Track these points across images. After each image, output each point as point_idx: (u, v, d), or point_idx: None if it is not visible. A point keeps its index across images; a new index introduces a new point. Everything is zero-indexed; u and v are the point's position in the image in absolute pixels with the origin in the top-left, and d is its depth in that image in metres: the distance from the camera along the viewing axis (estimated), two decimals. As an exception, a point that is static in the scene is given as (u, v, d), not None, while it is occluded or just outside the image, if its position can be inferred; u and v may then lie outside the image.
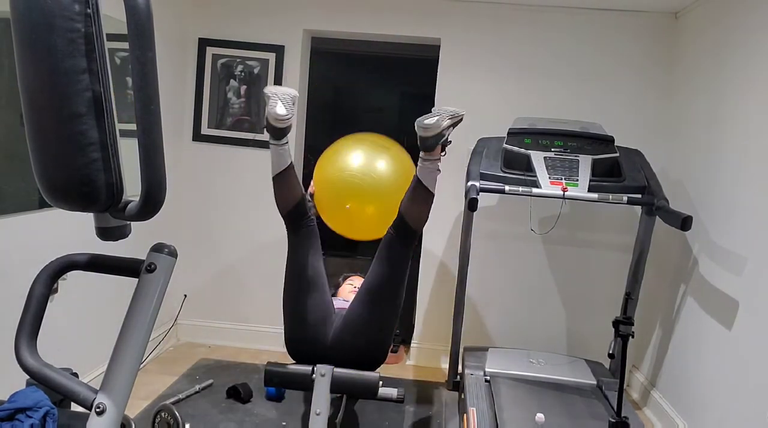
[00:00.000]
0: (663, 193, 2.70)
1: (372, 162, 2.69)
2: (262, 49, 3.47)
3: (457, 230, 3.34)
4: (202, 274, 3.66)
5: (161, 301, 1.10)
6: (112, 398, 1.04)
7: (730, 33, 2.68)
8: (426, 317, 3.62)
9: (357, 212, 2.68)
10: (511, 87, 3.42)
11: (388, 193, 2.62)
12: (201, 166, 3.58)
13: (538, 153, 2.73)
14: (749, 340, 2.28)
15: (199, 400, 2.88)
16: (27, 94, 1.00)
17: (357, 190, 2.65)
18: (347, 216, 2.70)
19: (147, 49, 0.94)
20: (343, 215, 2.73)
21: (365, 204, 2.68)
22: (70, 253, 1.17)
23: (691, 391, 2.70)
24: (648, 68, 3.34)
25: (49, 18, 0.93)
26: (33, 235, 2.30)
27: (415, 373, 3.49)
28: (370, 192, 2.65)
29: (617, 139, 2.91)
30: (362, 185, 2.64)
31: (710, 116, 2.81)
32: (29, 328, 1.10)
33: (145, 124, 0.96)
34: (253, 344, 3.64)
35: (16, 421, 1.32)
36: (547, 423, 2.30)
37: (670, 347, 3.00)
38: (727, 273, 2.49)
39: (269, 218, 3.58)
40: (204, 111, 3.54)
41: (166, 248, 1.11)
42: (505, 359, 2.96)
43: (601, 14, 3.33)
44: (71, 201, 1.02)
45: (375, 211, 2.69)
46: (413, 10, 3.42)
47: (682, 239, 2.96)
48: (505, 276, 3.52)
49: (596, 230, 3.46)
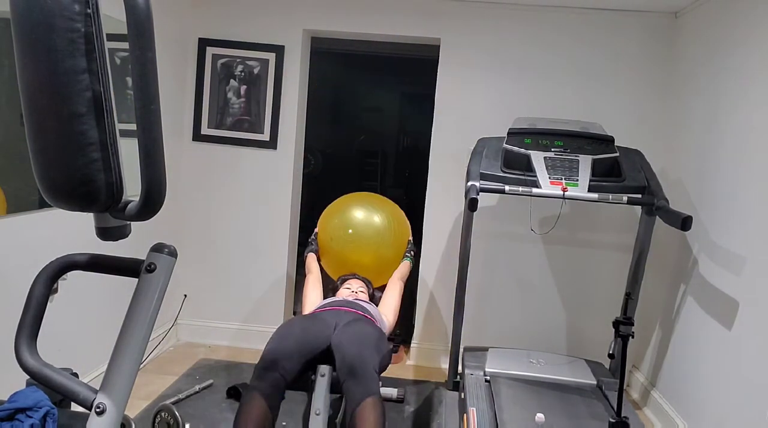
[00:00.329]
0: (663, 193, 2.70)
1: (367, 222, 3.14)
2: (262, 49, 3.47)
3: (457, 230, 3.34)
4: (202, 274, 3.66)
5: (161, 301, 1.10)
6: (112, 398, 1.04)
7: (730, 32, 2.68)
8: (426, 317, 3.62)
9: (353, 260, 3.09)
10: (511, 87, 3.42)
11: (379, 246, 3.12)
12: (201, 166, 3.58)
13: (538, 153, 2.73)
14: (749, 340, 2.28)
15: (199, 400, 2.88)
16: (27, 94, 1.00)
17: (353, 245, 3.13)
18: (342, 260, 3.12)
19: (147, 49, 0.94)
20: (338, 260, 3.16)
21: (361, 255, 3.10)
22: (70, 253, 1.17)
23: (691, 391, 2.70)
24: (648, 68, 3.34)
25: (49, 18, 0.93)
26: (33, 235, 2.30)
27: (415, 373, 3.49)
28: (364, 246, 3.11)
29: (617, 139, 2.91)
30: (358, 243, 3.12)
31: (710, 116, 2.80)
32: (29, 328, 1.10)
33: (145, 124, 0.96)
34: (253, 344, 3.64)
35: (16, 421, 1.32)
36: (547, 423, 2.29)
37: (670, 347, 3.00)
38: (727, 273, 2.49)
39: (269, 218, 3.58)
40: (204, 111, 3.54)
41: (166, 248, 1.11)
42: (505, 359, 2.96)
43: (601, 14, 3.33)
44: (71, 201, 1.02)
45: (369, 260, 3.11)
46: (413, 10, 3.42)
47: (682, 239, 2.96)
48: (505, 276, 3.52)
49: (596, 230, 3.46)
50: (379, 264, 3.10)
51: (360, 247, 3.09)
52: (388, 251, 3.11)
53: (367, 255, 3.09)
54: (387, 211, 3.19)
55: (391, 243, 3.12)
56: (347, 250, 3.09)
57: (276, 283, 3.64)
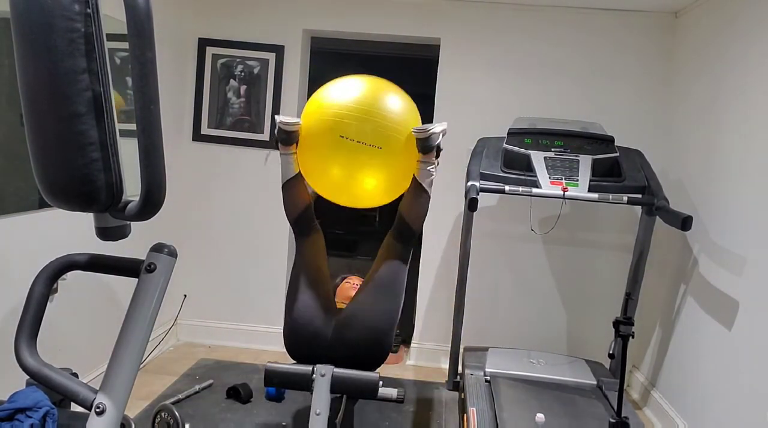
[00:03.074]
0: (663, 193, 2.70)
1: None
2: (262, 49, 3.47)
3: (457, 230, 3.34)
4: (202, 274, 3.66)
5: (161, 301, 1.10)
6: (112, 398, 1.04)
7: (730, 32, 2.68)
8: (426, 317, 3.62)
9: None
10: (511, 87, 3.42)
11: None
12: (201, 166, 3.58)
13: (539, 153, 2.74)
14: (749, 340, 2.28)
15: (199, 400, 2.88)
16: (27, 94, 1.00)
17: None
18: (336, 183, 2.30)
19: (147, 49, 0.94)
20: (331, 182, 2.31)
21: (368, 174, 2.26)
22: (70, 253, 1.17)
23: (691, 391, 2.70)
24: (648, 68, 3.34)
25: (49, 18, 0.93)
26: (33, 235, 2.30)
27: (415, 373, 3.49)
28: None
29: (617, 139, 2.91)
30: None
31: (710, 116, 2.80)
32: (29, 328, 1.10)
33: (145, 124, 0.96)
34: (253, 344, 3.64)
35: (16, 421, 1.32)
36: (547, 423, 2.30)
37: (670, 347, 2.99)
38: (727, 273, 2.49)
39: (269, 218, 3.57)
40: (204, 111, 3.54)
41: (166, 248, 1.11)
42: (505, 359, 2.96)
43: (601, 14, 3.33)
44: (71, 201, 1.02)
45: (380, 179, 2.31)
46: (413, 10, 3.42)
47: (682, 239, 2.96)
48: (505, 276, 3.52)
49: (596, 230, 3.46)
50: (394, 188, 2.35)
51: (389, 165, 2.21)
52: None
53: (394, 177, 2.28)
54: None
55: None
56: (370, 165, 2.22)
57: (276, 283, 3.64)
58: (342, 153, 2.19)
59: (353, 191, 2.33)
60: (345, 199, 2.39)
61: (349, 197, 2.37)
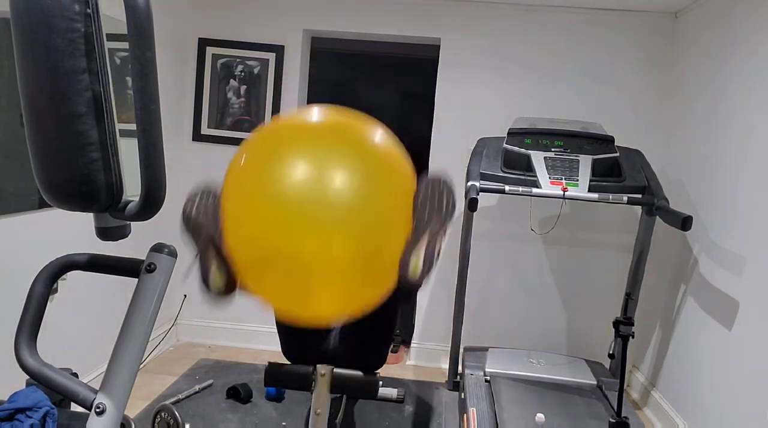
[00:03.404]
0: (663, 193, 2.70)
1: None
2: (262, 49, 3.47)
3: (457, 230, 3.34)
4: (202, 274, 3.65)
5: (161, 301, 1.10)
6: (112, 398, 1.03)
7: (730, 33, 2.68)
8: (426, 317, 3.62)
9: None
10: (511, 87, 3.41)
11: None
12: (201, 166, 3.58)
13: (539, 153, 2.74)
14: (749, 340, 2.28)
15: (199, 400, 2.88)
16: (27, 94, 0.99)
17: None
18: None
19: (147, 49, 0.93)
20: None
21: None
22: (70, 253, 1.17)
23: (691, 391, 2.70)
24: (648, 68, 3.34)
25: (49, 18, 0.92)
26: (33, 235, 2.30)
27: (415, 373, 3.49)
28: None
29: (617, 139, 2.91)
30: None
31: (710, 116, 2.80)
32: (29, 328, 1.10)
33: (145, 124, 0.96)
34: (253, 344, 3.64)
35: (16, 421, 1.32)
36: (547, 423, 2.29)
37: (670, 347, 2.99)
38: (727, 273, 2.49)
39: (269, 218, 3.57)
40: (204, 111, 3.54)
41: (166, 248, 1.11)
42: (505, 359, 2.96)
43: (601, 14, 3.33)
44: (71, 201, 1.02)
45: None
46: (413, 10, 3.42)
47: (682, 239, 2.96)
48: (505, 276, 3.52)
49: (596, 230, 3.46)
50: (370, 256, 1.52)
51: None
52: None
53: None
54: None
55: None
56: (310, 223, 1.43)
57: (276, 283, 3.63)
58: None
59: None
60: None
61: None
